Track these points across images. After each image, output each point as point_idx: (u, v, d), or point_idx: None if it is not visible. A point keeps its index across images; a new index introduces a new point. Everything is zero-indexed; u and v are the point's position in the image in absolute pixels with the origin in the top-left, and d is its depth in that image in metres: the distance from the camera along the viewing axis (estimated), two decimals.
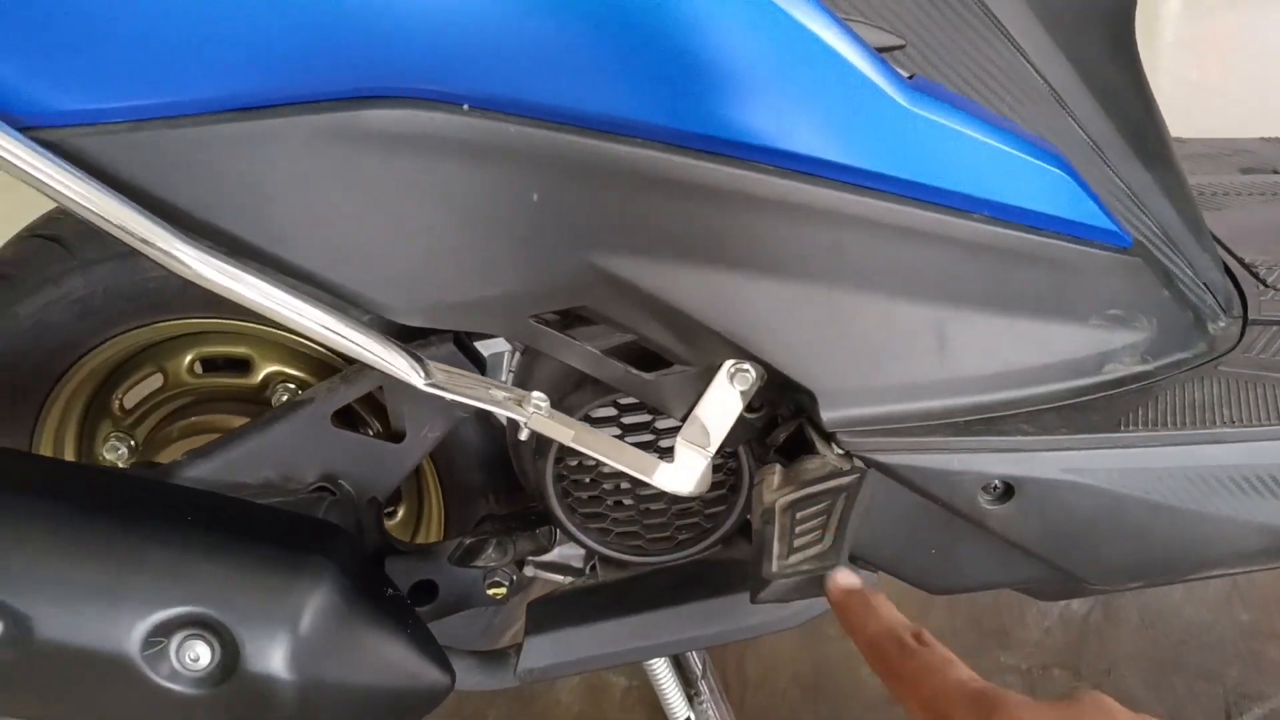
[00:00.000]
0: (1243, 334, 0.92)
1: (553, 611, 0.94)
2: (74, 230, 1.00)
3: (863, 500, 0.74)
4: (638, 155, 0.69)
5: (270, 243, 0.71)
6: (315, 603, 0.79)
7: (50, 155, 0.67)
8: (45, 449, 1.11)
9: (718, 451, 0.81)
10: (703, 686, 1.11)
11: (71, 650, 0.77)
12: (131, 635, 0.77)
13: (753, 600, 0.74)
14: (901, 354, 0.78)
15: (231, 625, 0.78)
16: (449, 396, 0.76)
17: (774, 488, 0.75)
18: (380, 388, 0.93)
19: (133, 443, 1.12)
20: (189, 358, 1.09)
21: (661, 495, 0.91)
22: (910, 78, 0.73)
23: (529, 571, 1.02)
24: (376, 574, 0.86)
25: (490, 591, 1.01)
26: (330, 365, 1.09)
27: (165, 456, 1.11)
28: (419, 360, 0.75)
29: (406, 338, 0.84)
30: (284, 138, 0.68)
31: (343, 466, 0.92)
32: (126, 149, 0.68)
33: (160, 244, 0.69)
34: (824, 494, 0.73)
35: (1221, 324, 0.92)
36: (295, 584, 0.79)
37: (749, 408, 0.80)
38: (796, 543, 0.71)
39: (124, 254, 0.99)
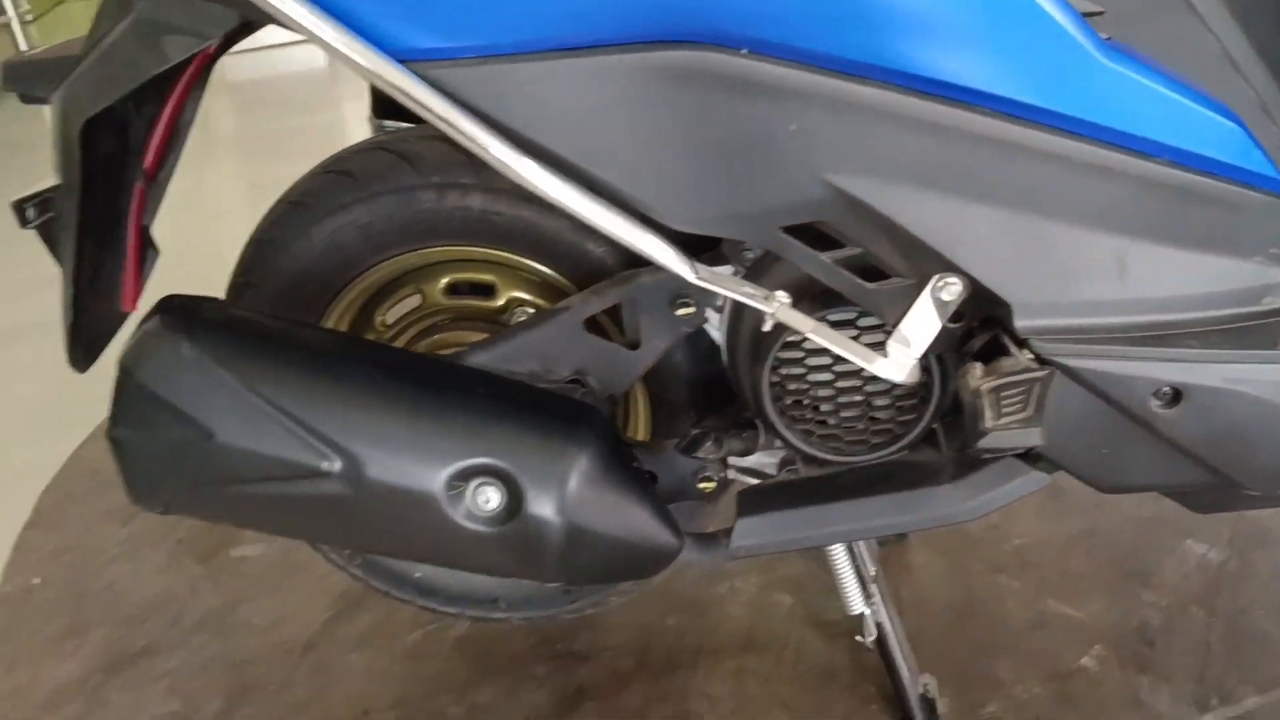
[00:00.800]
0: None
1: (761, 498, 1.10)
2: (361, 166, 1.20)
3: (1053, 391, 0.89)
4: (881, 96, 0.85)
5: (582, 159, 0.88)
6: (583, 462, 0.97)
7: (413, 77, 0.86)
8: None
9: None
10: (874, 589, 1.26)
11: (390, 488, 0.95)
12: (438, 479, 0.95)
13: (971, 446, 0.89)
14: (1088, 275, 0.92)
15: (517, 475, 0.95)
16: (712, 288, 0.93)
17: (977, 377, 0.90)
18: (623, 302, 1.10)
19: None
20: (444, 281, 1.28)
21: (860, 403, 1.07)
22: (1108, 39, 0.87)
23: (730, 474, 1.19)
24: (625, 448, 1.03)
25: (700, 485, 1.18)
26: (561, 291, 1.26)
27: None
28: (690, 259, 0.92)
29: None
30: (599, 73, 0.86)
31: (589, 365, 1.10)
32: (474, 81, 0.87)
33: (500, 156, 0.87)
34: (1021, 383, 0.88)
35: None
36: (569, 446, 0.97)
37: (950, 318, 0.95)
38: (1004, 410, 0.86)
39: (403, 188, 1.19)
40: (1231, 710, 1.27)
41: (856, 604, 1.24)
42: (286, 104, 4.87)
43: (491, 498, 0.96)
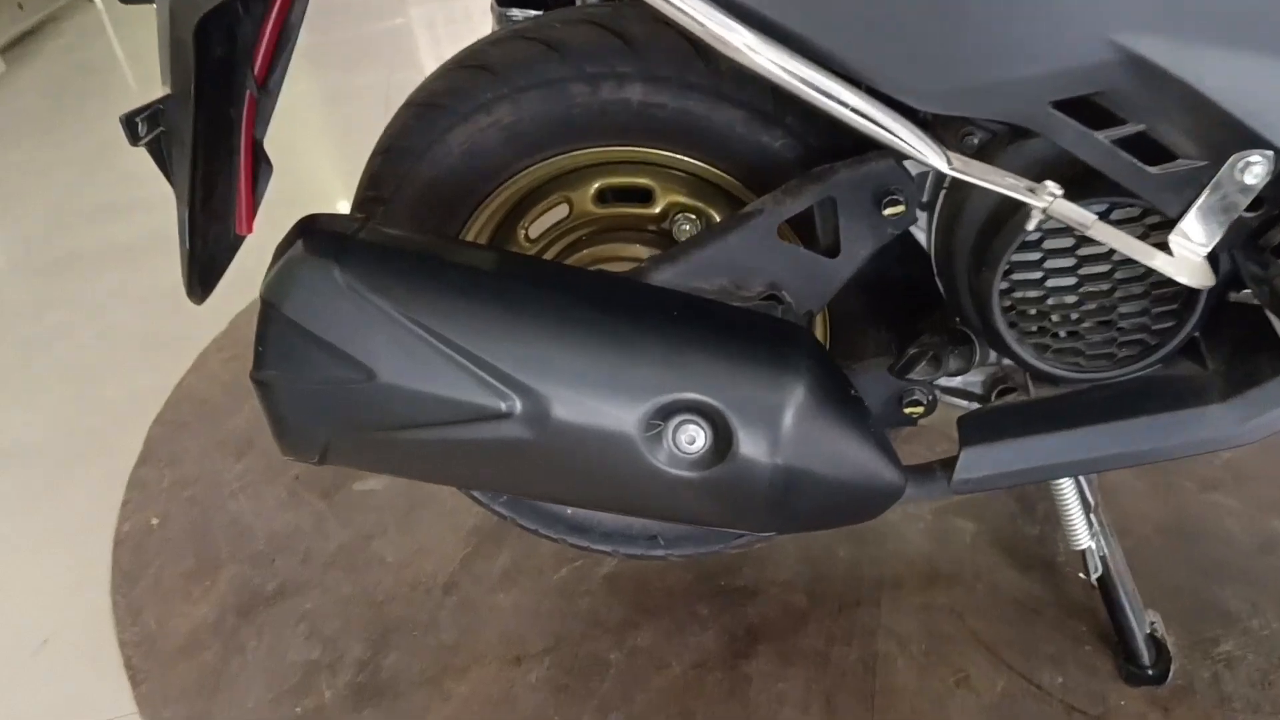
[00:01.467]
0: None
1: (986, 425, 0.95)
2: (501, 59, 1.05)
3: None
4: None
5: (812, 29, 0.73)
6: (800, 393, 0.83)
7: None
8: None
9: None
10: (1094, 519, 1.11)
11: (579, 430, 0.82)
12: (634, 418, 0.82)
13: None
14: None
15: (725, 411, 0.82)
16: (970, 179, 0.77)
17: None
18: (817, 204, 0.94)
19: None
20: (595, 187, 1.14)
21: (1107, 309, 0.91)
22: None
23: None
24: (840, 373, 0.89)
25: (908, 410, 1.04)
26: (729, 194, 1.11)
27: None
28: (942, 146, 0.76)
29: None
30: None
31: (785, 277, 0.95)
32: None
33: (712, 26, 0.72)
34: None
35: None
36: (783, 375, 0.83)
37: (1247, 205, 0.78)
38: None
39: (548, 82, 1.03)
40: None
41: (1082, 538, 1.10)
42: (351, 11, 4.69)
43: (696, 437, 0.83)
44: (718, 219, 1.13)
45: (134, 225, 2.78)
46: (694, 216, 1.12)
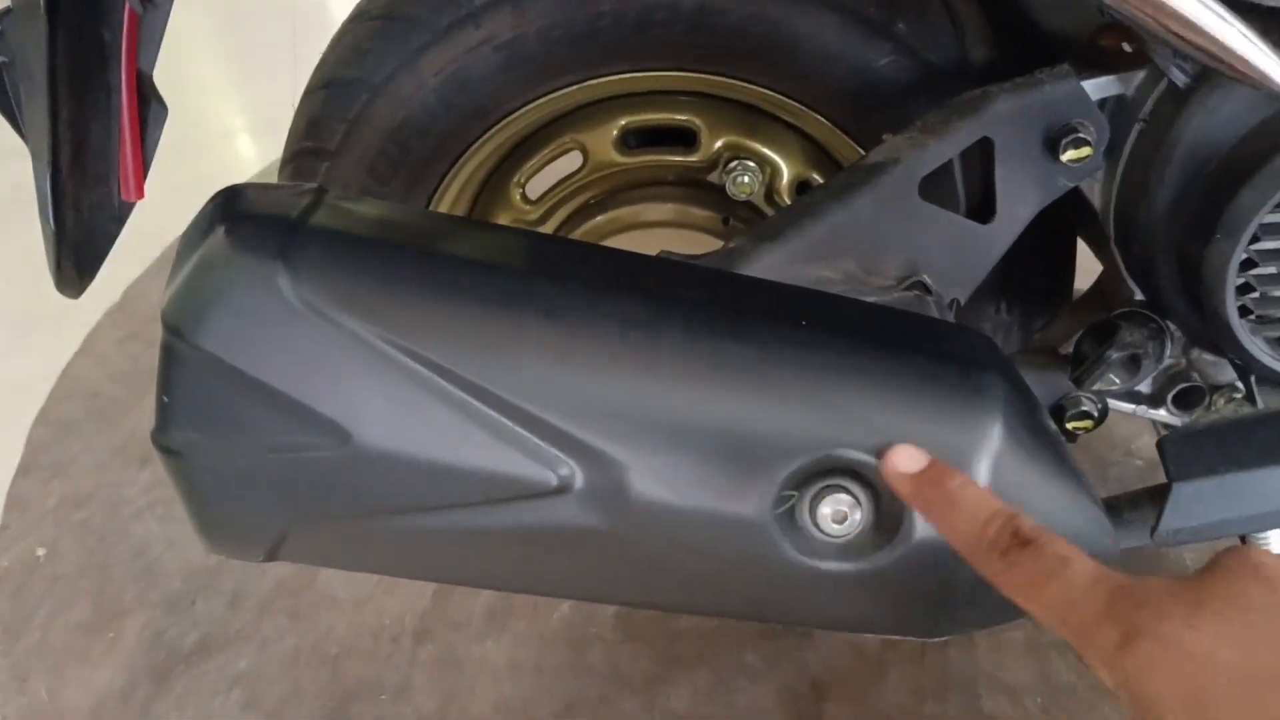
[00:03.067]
0: None
1: (1205, 450, 0.69)
2: None
3: None
4: None
5: None
6: (997, 443, 0.55)
7: None
8: None
9: None
10: None
11: (671, 511, 0.53)
12: (756, 489, 0.53)
13: None
14: None
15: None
16: None
17: None
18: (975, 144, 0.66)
19: None
20: (619, 127, 0.84)
21: None
22: None
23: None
24: (1038, 404, 0.61)
25: (1072, 425, 0.77)
26: (806, 136, 0.82)
27: None
28: None
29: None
30: None
31: (929, 253, 0.67)
32: None
33: None
34: None
35: None
36: (976, 418, 0.55)
37: None
38: None
39: None
40: None
41: None
42: None
43: (849, 512, 0.54)
44: (788, 172, 0.84)
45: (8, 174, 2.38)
46: (753, 164, 0.83)
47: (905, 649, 1.05)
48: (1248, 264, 0.64)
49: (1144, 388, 0.81)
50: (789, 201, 0.85)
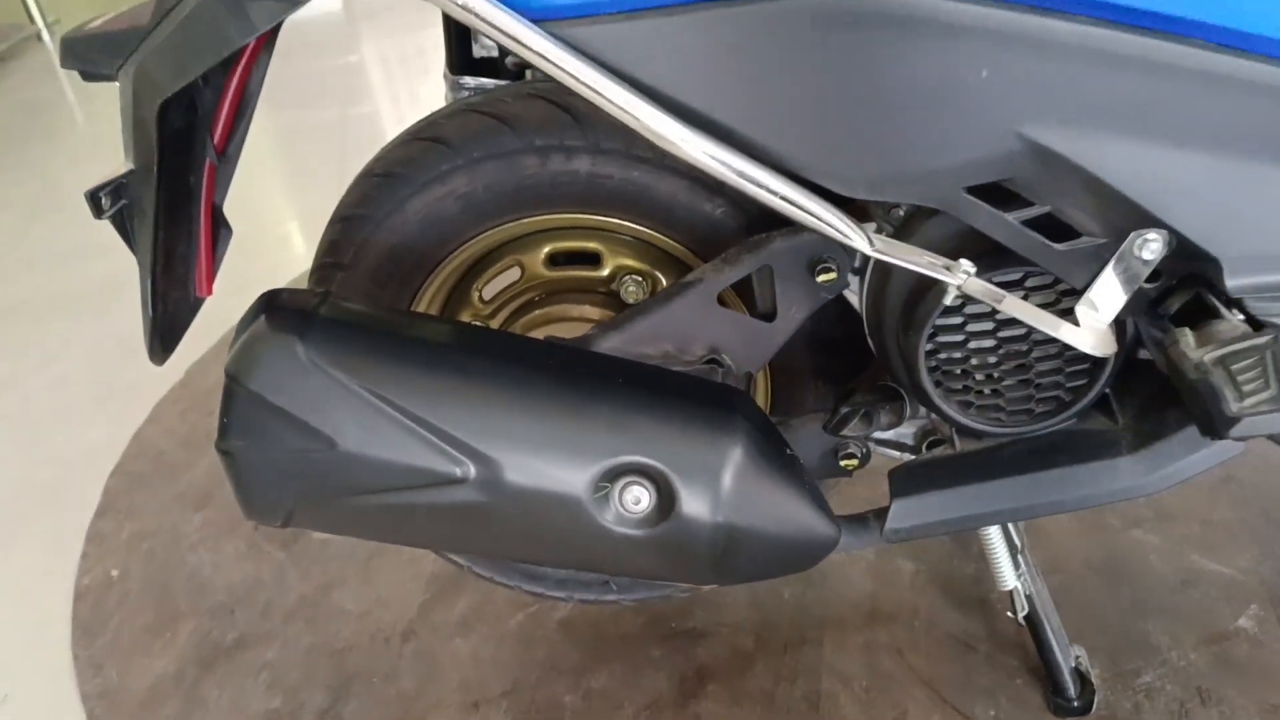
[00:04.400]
0: None
1: (915, 478, 1.02)
2: (457, 132, 1.10)
3: None
4: (1085, 32, 0.74)
5: (740, 121, 0.78)
6: (738, 453, 0.88)
7: (554, 40, 0.76)
8: None
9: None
10: (1021, 560, 1.18)
11: (530, 493, 0.87)
12: (583, 481, 0.87)
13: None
14: None
15: (668, 472, 0.87)
16: (891, 260, 0.83)
17: (1193, 347, 0.81)
18: (754, 271, 1.00)
19: None
20: (545, 251, 1.19)
21: (1024, 369, 0.97)
22: None
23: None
24: (777, 433, 0.95)
25: (843, 463, 1.09)
26: (674, 258, 1.17)
27: None
28: (863, 229, 0.82)
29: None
30: (761, 23, 0.75)
31: (725, 342, 1.01)
32: (618, 38, 0.77)
33: (649, 121, 0.77)
34: (1247, 351, 0.78)
35: None
36: (721, 436, 0.88)
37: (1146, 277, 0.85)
38: (1244, 389, 0.77)
39: (503, 154, 1.09)
40: None
41: (1009, 579, 1.16)
42: (304, 49, 4.72)
43: (641, 498, 0.88)
44: (664, 281, 1.19)
45: (80, 272, 2.78)
46: (640, 278, 1.18)
47: (772, 646, 1.36)
48: (931, 352, 0.98)
49: (908, 439, 1.14)
50: None
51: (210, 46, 0.91)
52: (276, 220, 3.01)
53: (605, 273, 1.19)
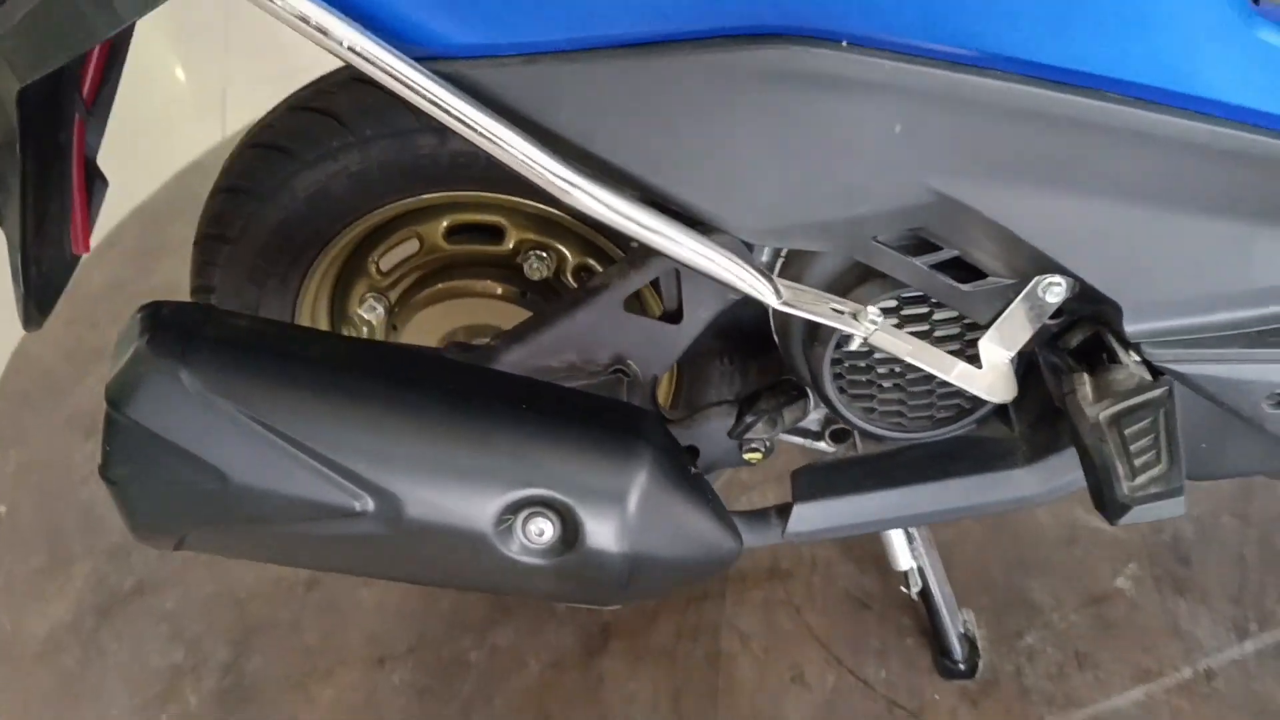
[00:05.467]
0: None
1: (817, 483, 1.02)
2: (349, 107, 1.03)
3: (1177, 414, 0.81)
4: (995, 87, 0.72)
5: (644, 170, 0.75)
6: (642, 483, 0.87)
7: (444, 84, 0.71)
8: (305, 306, 1.18)
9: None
10: (916, 534, 1.21)
11: (433, 526, 0.85)
12: (485, 514, 0.85)
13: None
14: (1207, 268, 0.82)
15: (573, 504, 0.86)
16: (799, 313, 0.82)
17: (1090, 400, 0.81)
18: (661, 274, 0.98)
19: (388, 303, 1.19)
20: (444, 224, 1.14)
21: (927, 378, 0.98)
22: (1258, 4, 0.74)
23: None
24: (680, 453, 0.94)
25: (747, 456, 1.10)
26: (580, 236, 1.13)
27: (420, 319, 1.18)
28: (771, 280, 0.80)
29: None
30: (669, 74, 0.71)
31: (631, 348, 0.99)
32: (519, 81, 0.72)
33: (543, 168, 0.73)
34: (1142, 408, 0.79)
35: None
36: (625, 467, 0.87)
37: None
38: (1136, 463, 0.78)
39: (399, 131, 1.03)
40: (1271, 636, 1.26)
41: (903, 560, 1.19)
42: None
43: (545, 529, 0.87)
44: (569, 256, 1.15)
45: None
46: (544, 254, 1.14)
47: (675, 603, 1.39)
48: (837, 360, 0.97)
49: (814, 426, 1.15)
50: (574, 283, 1.16)
51: (72, 38, 0.82)
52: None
53: (509, 247, 1.15)
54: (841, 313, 0.83)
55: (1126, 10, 0.71)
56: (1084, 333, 0.87)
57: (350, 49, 0.70)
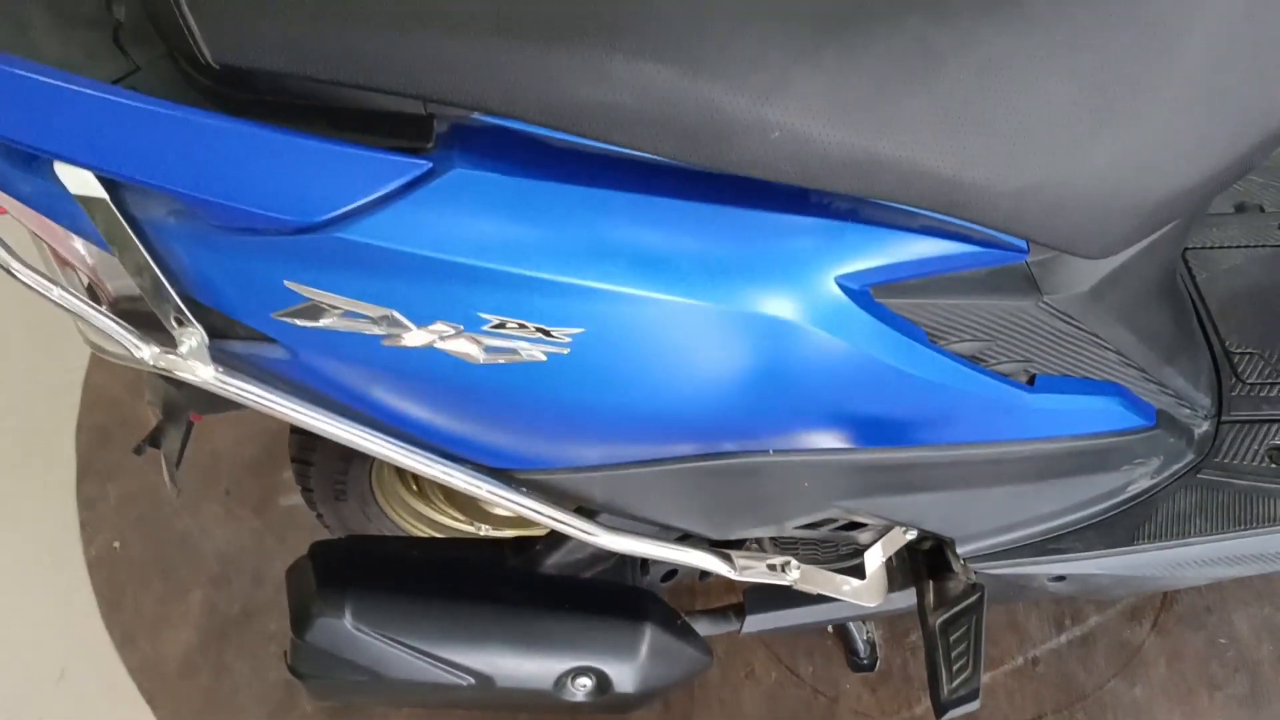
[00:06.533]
0: (1216, 434, 1.39)
1: (763, 599, 1.49)
2: None
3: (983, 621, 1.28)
4: (862, 455, 1.14)
5: (656, 517, 1.18)
6: (647, 646, 1.34)
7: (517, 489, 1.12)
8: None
9: None
10: None
11: (513, 691, 1.32)
12: (547, 681, 1.33)
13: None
14: (1010, 511, 1.27)
15: (604, 669, 1.33)
16: (752, 581, 1.27)
17: (932, 608, 1.28)
18: None
19: None
20: None
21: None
22: (1030, 381, 1.16)
23: None
24: (671, 615, 1.40)
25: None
26: None
27: None
28: (730, 560, 1.24)
29: None
30: (671, 475, 1.13)
31: None
32: (563, 483, 1.13)
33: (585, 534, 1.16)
34: (963, 615, 1.26)
35: (1203, 428, 1.39)
36: (636, 641, 1.34)
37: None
38: (954, 668, 1.26)
39: None
40: (1080, 629, 1.79)
41: None
42: None
43: (587, 683, 1.34)
44: None
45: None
46: None
47: None
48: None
49: None
50: None
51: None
52: None
53: None
54: (777, 572, 1.28)
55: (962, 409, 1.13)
56: (932, 543, 1.32)
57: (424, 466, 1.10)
